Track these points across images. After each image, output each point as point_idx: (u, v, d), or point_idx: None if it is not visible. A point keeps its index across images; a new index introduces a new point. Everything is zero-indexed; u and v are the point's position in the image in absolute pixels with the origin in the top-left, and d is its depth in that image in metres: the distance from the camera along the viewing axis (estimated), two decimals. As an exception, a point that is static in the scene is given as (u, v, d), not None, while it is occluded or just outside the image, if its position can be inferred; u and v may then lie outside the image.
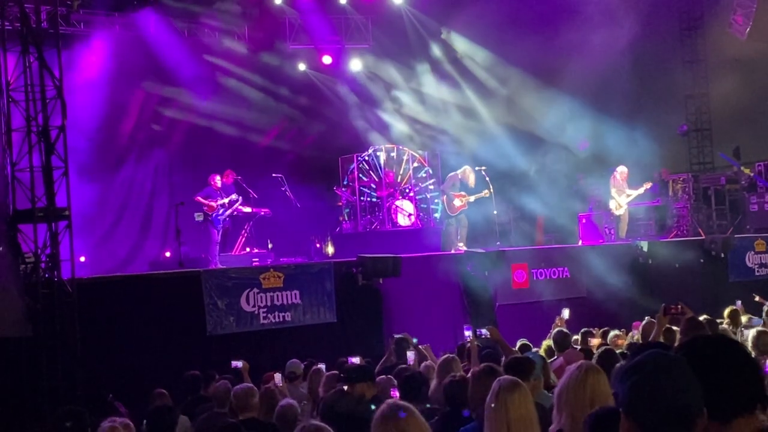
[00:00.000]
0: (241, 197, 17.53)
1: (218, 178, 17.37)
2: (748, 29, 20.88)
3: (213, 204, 17.08)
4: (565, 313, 12.30)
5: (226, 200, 17.23)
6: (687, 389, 2.55)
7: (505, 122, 21.56)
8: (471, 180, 17.33)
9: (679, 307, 7.94)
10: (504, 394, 4.58)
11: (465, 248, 16.71)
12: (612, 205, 19.00)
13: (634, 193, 19.00)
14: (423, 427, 4.05)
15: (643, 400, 2.55)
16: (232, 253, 17.85)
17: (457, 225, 17.18)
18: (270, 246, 18.98)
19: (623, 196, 18.91)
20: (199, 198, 17.20)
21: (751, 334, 8.08)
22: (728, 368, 2.85)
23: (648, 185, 19.14)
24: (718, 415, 2.80)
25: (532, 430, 4.52)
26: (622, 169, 19.11)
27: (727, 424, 2.82)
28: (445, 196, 17.22)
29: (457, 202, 17.09)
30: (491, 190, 17.40)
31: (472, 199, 17.28)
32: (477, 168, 17.52)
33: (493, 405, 4.57)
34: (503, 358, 7.86)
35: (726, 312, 11.69)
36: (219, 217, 17.13)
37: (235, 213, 17.63)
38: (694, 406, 2.55)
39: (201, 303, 13.27)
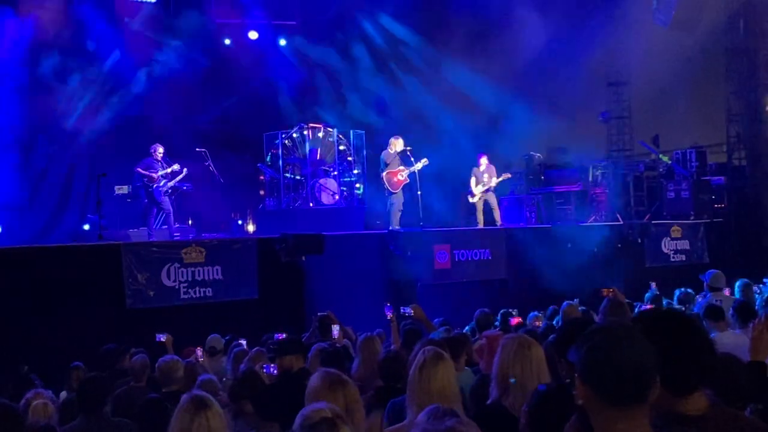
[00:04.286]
0: (186, 169, 17.18)
1: (161, 149, 16.98)
2: (671, 19, 21.22)
3: (153, 175, 16.75)
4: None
5: (168, 170, 16.88)
6: (642, 354, 2.57)
7: (432, 102, 21.57)
8: (399, 146, 17.26)
9: (612, 290, 8.08)
10: (428, 365, 4.62)
11: (399, 227, 16.75)
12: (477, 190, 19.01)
13: (495, 180, 18.97)
14: None
15: (598, 366, 2.57)
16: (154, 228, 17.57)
17: (396, 203, 17.08)
18: (190, 222, 18.76)
19: (480, 186, 18.86)
20: (139, 169, 16.81)
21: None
22: (688, 342, 2.89)
23: (507, 175, 19.05)
24: (676, 389, 2.84)
25: (455, 401, 4.57)
26: (483, 161, 19.08)
27: (684, 397, 2.86)
28: (384, 175, 17.09)
29: (397, 178, 17.04)
30: (415, 163, 17.28)
31: (419, 166, 17.18)
32: (403, 148, 17.48)
33: (416, 376, 4.61)
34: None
35: (647, 299, 11.84)
36: (160, 189, 16.74)
37: (176, 186, 17.26)
38: (649, 371, 2.58)
39: (120, 276, 13.09)
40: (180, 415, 4.12)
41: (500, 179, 18.86)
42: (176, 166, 16.92)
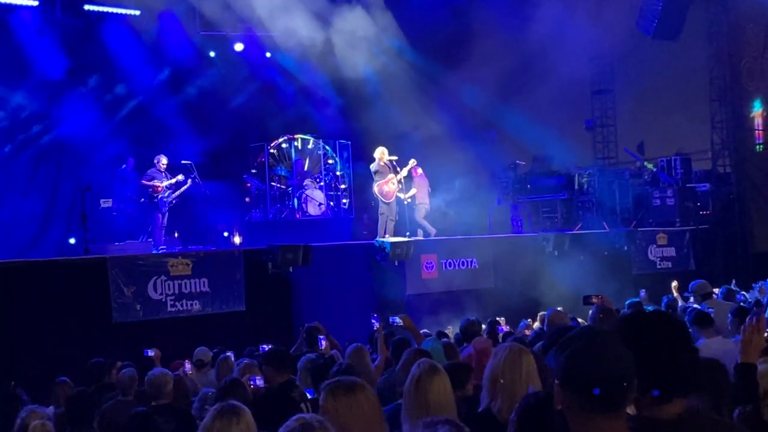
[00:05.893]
0: (190, 180, 17.04)
1: (164, 159, 16.90)
2: (654, 27, 21.31)
3: (158, 185, 16.66)
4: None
5: (173, 180, 16.80)
6: (620, 360, 2.59)
7: (415, 111, 21.53)
8: (385, 157, 17.11)
9: (600, 298, 8.09)
10: (424, 378, 4.59)
11: (391, 238, 16.70)
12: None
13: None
14: None
15: (577, 372, 2.59)
16: (139, 241, 17.48)
17: (388, 214, 16.98)
18: (176, 235, 18.68)
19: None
20: (144, 181, 16.77)
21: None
22: (673, 347, 2.89)
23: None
24: (662, 393, 2.84)
25: (452, 414, 4.54)
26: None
27: (663, 403, 2.86)
28: (376, 187, 16.94)
29: (388, 187, 16.91)
30: (401, 170, 17.19)
31: (404, 172, 17.18)
32: (389, 158, 17.42)
33: (412, 389, 4.58)
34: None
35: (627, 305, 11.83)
36: (165, 200, 16.64)
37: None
38: (627, 378, 2.59)
39: (107, 290, 13.03)
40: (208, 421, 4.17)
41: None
42: (180, 177, 16.86)
